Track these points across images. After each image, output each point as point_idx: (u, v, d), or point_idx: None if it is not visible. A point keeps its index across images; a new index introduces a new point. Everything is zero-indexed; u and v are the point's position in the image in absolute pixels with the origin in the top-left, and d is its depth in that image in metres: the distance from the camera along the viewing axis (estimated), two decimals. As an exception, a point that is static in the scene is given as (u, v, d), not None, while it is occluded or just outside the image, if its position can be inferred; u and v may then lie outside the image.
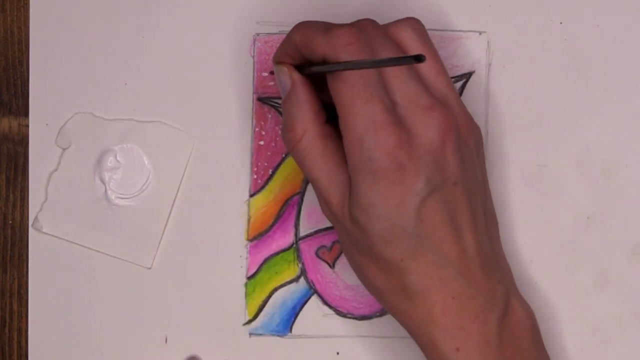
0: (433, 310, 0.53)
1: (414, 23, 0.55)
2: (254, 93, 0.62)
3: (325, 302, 0.62)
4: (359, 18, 0.55)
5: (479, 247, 0.54)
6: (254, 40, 0.62)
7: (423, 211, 0.53)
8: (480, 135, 0.56)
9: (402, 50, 0.55)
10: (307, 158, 0.55)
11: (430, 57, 0.55)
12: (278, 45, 0.60)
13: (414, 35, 0.55)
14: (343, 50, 0.52)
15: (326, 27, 0.53)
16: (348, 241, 0.55)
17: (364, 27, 0.54)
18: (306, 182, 0.62)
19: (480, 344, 0.53)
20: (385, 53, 0.53)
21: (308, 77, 0.55)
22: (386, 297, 0.55)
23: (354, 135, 0.53)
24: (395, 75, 0.53)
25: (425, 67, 0.55)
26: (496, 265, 0.55)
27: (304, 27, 0.54)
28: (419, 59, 0.46)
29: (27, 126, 0.62)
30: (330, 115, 0.56)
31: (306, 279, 0.62)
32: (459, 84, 0.62)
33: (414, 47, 0.55)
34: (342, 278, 0.62)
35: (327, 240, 0.62)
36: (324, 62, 0.53)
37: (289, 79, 0.55)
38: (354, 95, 0.52)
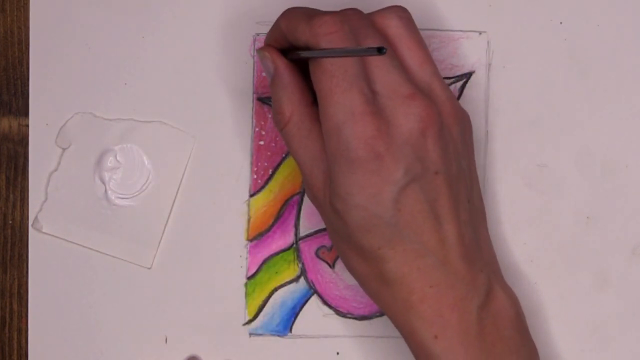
0: (411, 298, 0.53)
1: (399, 11, 0.55)
2: (254, 93, 0.62)
3: (325, 302, 0.62)
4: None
5: (460, 236, 0.54)
6: (254, 40, 0.62)
7: (401, 200, 0.53)
8: (469, 124, 0.56)
9: (387, 39, 0.55)
10: (294, 139, 0.55)
11: (415, 45, 0.55)
12: (278, 45, 0.60)
13: (399, 24, 0.55)
14: (325, 38, 0.53)
15: (310, 15, 0.54)
16: (330, 228, 0.56)
17: (348, 16, 0.54)
18: (306, 182, 0.62)
19: (460, 331, 0.53)
20: (369, 42, 0.53)
21: (294, 62, 0.56)
22: (367, 284, 0.55)
23: (332, 124, 0.53)
24: (377, 65, 0.53)
25: (409, 56, 0.55)
26: (479, 254, 0.55)
27: (289, 13, 0.55)
28: (380, 50, 0.46)
29: (27, 126, 0.62)
30: (316, 100, 0.56)
31: (306, 279, 0.62)
32: (459, 84, 0.62)
33: (398, 35, 0.55)
34: (342, 278, 0.62)
35: (327, 240, 0.62)
36: (308, 49, 0.54)
37: (272, 64, 0.56)
38: (333, 84, 0.52)
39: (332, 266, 0.62)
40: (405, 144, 0.53)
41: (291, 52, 0.55)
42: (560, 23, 0.62)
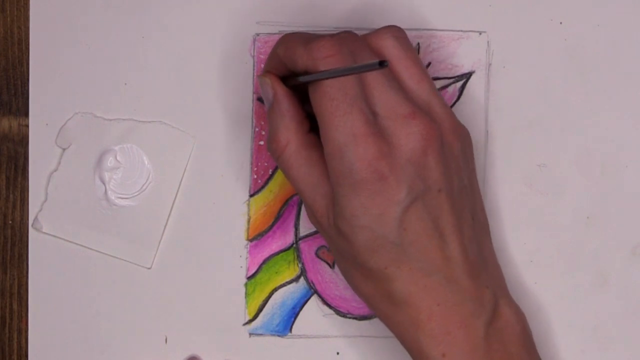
0: (419, 317, 0.54)
1: (395, 31, 0.55)
2: (254, 93, 0.62)
3: (325, 302, 0.62)
4: (358, 18, 0.55)
5: (465, 253, 0.54)
6: (254, 40, 0.62)
7: (405, 220, 0.53)
8: (469, 140, 0.56)
9: (383, 59, 0.55)
10: (292, 168, 0.55)
11: (412, 64, 0.55)
12: (278, 45, 0.59)
13: (395, 43, 0.55)
14: (323, 62, 0.53)
15: (307, 40, 0.54)
16: (334, 250, 0.56)
17: (343, 39, 0.54)
18: (306, 182, 0.62)
19: (467, 349, 0.53)
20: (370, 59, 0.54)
21: (293, 89, 0.56)
22: (374, 304, 0.55)
23: (334, 147, 0.53)
24: (375, 86, 0.53)
25: (407, 75, 0.55)
26: (484, 270, 0.55)
27: (286, 39, 0.55)
28: (382, 64, 0.46)
29: (27, 126, 0.62)
30: (314, 125, 0.56)
31: (306, 279, 0.62)
32: (459, 84, 0.62)
33: (395, 55, 0.55)
34: (342, 278, 0.62)
35: (327, 240, 0.62)
36: (306, 74, 0.54)
37: (271, 90, 0.56)
38: (333, 107, 0.53)
39: (332, 266, 0.62)
40: (407, 164, 0.53)
41: (290, 79, 0.56)
42: (560, 23, 0.62)
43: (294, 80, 0.55)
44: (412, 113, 0.53)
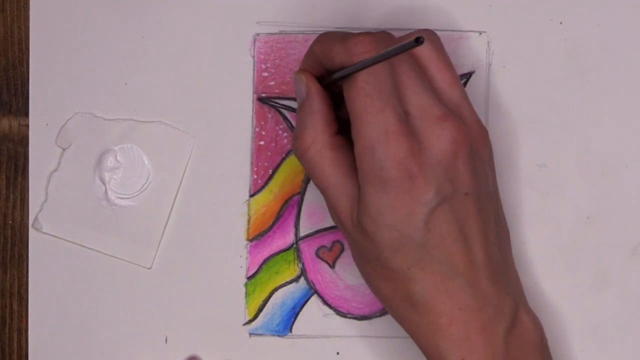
0: (439, 321, 0.53)
1: (429, 34, 0.55)
2: (254, 93, 0.62)
3: (325, 302, 0.62)
4: (358, 18, 0.55)
5: (489, 258, 0.54)
6: (254, 40, 0.62)
7: (432, 221, 0.53)
8: (491, 146, 0.56)
9: (417, 61, 0.55)
10: (316, 167, 0.55)
11: (445, 67, 0.55)
12: (278, 45, 0.60)
13: (429, 46, 0.55)
14: (360, 57, 0.53)
15: (344, 36, 0.54)
16: (356, 250, 0.55)
17: (380, 37, 0.54)
18: (306, 182, 0.62)
19: (487, 355, 0.53)
20: (402, 63, 0.53)
21: (326, 90, 0.56)
22: (393, 306, 0.55)
23: (366, 143, 0.53)
24: (409, 86, 0.53)
25: (439, 77, 0.55)
26: (506, 276, 0.55)
27: (323, 37, 0.55)
28: (418, 41, 0.46)
29: (27, 126, 0.62)
30: (342, 129, 0.56)
31: (306, 279, 0.62)
32: (459, 84, 0.62)
33: (428, 57, 0.55)
34: (342, 278, 0.62)
35: (327, 240, 0.62)
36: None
37: (305, 88, 0.55)
38: (368, 104, 0.53)
39: (332, 266, 0.62)
40: (437, 165, 0.53)
41: (325, 78, 0.55)
42: (560, 23, 0.62)
43: (329, 79, 0.55)
44: (444, 115, 0.53)
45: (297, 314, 0.62)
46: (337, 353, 0.62)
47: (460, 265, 0.53)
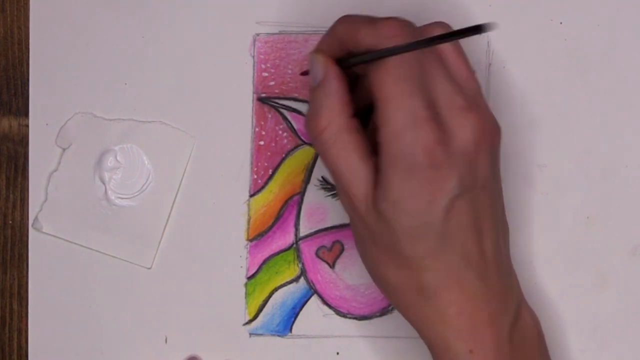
0: (448, 311, 0.53)
1: (446, 27, 0.55)
2: (254, 93, 0.62)
3: (325, 302, 0.62)
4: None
5: (497, 252, 0.54)
6: (254, 40, 0.62)
7: (451, 211, 0.53)
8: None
9: (438, 51, 0.54)
10: (330, 150, 0.54)
11: (462, 61, 0.55)
12: (278, 45, 0.60)
13: None
14: (390, 40, 0.52)
15: (372, 19, 0.53)
16: (367, 236, 0.55)
17: (408, 22, 0.53)
18: (306, 182, 0.62)
19: (493, 347, 0.53)
20: (428, 54, 0.53)
21: (343, 72, 0.55)
22: (400, 295, 0.54)
23: (393, 129, 0.52)
24: (435, 76, 0.53)
25: (457, 70, 0.54)
26: (509, 271, 0.55)
27: (348, 19, 0.54)
28: (482, 28, 0.46)
29: (27, 126, 0.62)
30: (356, 112, 0.55)
31: (306, 279, 0.62)
32: (459, 84, 0.62)
33: (446, 49, 0.54)
34: (342, 278, 0.62)
35: (327, 240, 0.62)
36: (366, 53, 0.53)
37: (323, 69, 0.55)
38: (398, 88, 0.52)
39: (332, 266, 0.62)
40: (460, 155, 0.53)
41: (342, 61, 0.55)
42: (560, 23, 0.62)
43: (348, 61, 0.54)
44: (468, 106, 0.53)
45: (297, 314, 0.62)
46: (337, 353, 0.62)
47: (473, 257, 0.53)
